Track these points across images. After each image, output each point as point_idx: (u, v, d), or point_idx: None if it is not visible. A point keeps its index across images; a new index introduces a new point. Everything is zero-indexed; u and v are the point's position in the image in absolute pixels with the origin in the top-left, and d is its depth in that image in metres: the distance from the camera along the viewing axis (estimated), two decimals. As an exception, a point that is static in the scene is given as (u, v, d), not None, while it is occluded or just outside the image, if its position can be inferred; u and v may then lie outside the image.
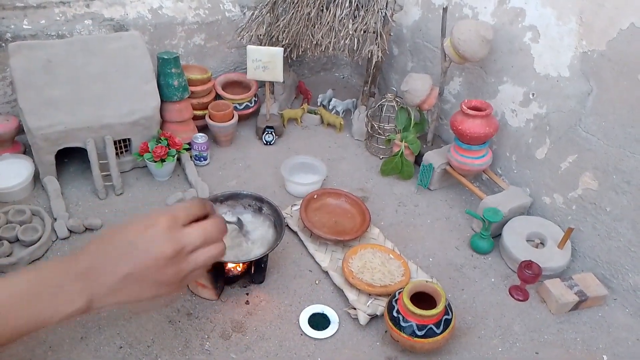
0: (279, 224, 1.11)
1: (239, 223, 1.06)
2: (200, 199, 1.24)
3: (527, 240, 1.21)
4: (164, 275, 0.63)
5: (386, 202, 1.40)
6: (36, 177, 1.33)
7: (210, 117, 1.52)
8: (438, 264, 1.21)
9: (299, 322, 1.03)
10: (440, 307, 0.93)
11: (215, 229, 0.68)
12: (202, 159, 1.47)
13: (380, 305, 1.05)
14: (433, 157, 1.41)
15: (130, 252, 0.62)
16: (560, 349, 1.03)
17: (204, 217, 0.69)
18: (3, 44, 1.39)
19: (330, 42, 1.48)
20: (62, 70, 1.28)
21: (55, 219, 1.21)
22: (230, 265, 1.07)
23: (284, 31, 1.51)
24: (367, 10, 1.48)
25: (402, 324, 0.94)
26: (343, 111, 1.74)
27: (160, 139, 1.38)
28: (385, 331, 1.02)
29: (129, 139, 1.37)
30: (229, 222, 0.93)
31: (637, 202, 1.08)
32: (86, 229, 1.21)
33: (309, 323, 1.03)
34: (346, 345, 1.00)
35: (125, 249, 0.63)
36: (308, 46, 1.53)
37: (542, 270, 1.09)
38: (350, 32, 1.47)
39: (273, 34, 1.54)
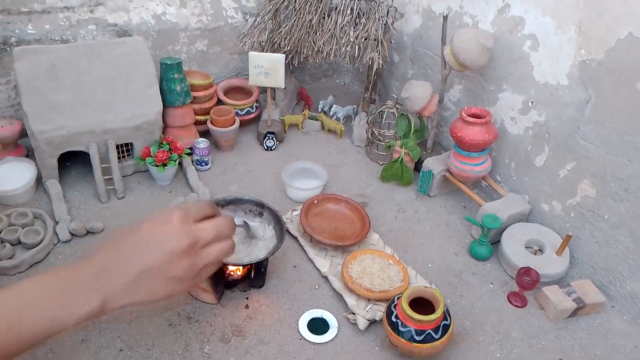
0: (279, 229, 1.11)
1: (246, 226, 1.06)
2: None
3: (525, 247, 1.22)
4: (178, 270, 0.63)
5: (386, 208, 1.40)
6: (39, 181, 1.34)
7: (212, 122, 1.53)
8: (437, 269, 1.22)
9: (298, 326, 1.04)
10: (438, 313, 0.93)
11: (226, 225, 0.69)
12: (203, 164, 1.48)
13: (379, 311, 1.05)
14: (433, 164, 1.42)
15: (144, 248, 0.62)
16: (558, 356, 1.03)
17: (212, 217, 0.70)
18: (8, 49, 1.40)
19: (331, 49, 1.49)
20: (65, 75, 1.30)
21: (57, 222, 1.22)
22: (230, 269, 1.07)
23: (286, 38, 1.53)
24: (368, 18, 1.50)
25: (401, 329, 0.94)
26: (344, 117, 1.76)
27: (162, 143, 1.39)
28: (385, 336, 1.02)
29: (131, 144, 1.38)
30: (237, 226, 0.94)
31: (635, 210, 1.09)
32: (88, 232, 1.22)
33: (308, 327, 1.03)
34: (345, 350, 1.01)
35: (139, 246, 0.62)
36: (309, 53, 1.54)
37: (540, 277, 1.09)
38: (352, 40, 1.48)
39: (275, 40, 1.55)
